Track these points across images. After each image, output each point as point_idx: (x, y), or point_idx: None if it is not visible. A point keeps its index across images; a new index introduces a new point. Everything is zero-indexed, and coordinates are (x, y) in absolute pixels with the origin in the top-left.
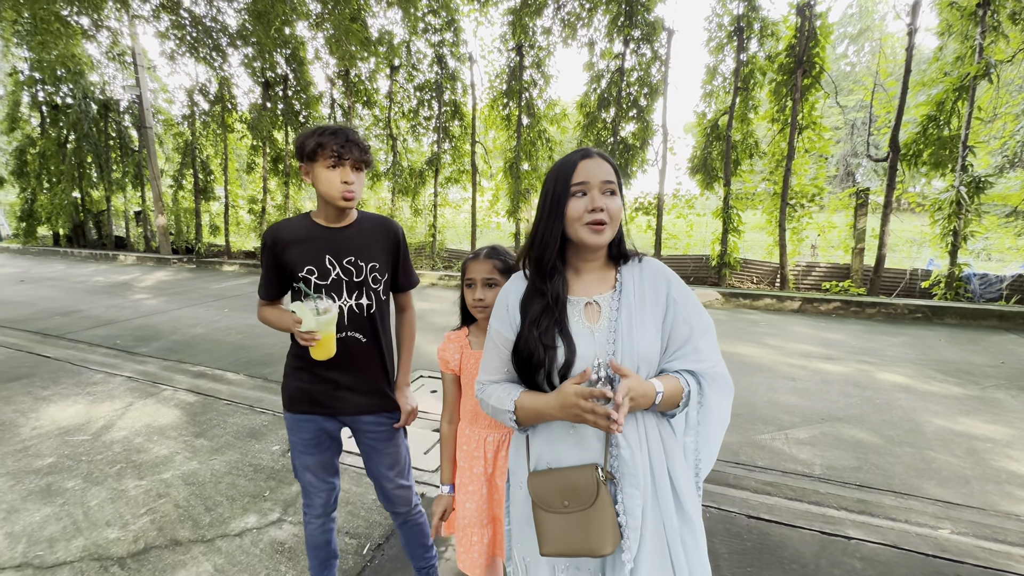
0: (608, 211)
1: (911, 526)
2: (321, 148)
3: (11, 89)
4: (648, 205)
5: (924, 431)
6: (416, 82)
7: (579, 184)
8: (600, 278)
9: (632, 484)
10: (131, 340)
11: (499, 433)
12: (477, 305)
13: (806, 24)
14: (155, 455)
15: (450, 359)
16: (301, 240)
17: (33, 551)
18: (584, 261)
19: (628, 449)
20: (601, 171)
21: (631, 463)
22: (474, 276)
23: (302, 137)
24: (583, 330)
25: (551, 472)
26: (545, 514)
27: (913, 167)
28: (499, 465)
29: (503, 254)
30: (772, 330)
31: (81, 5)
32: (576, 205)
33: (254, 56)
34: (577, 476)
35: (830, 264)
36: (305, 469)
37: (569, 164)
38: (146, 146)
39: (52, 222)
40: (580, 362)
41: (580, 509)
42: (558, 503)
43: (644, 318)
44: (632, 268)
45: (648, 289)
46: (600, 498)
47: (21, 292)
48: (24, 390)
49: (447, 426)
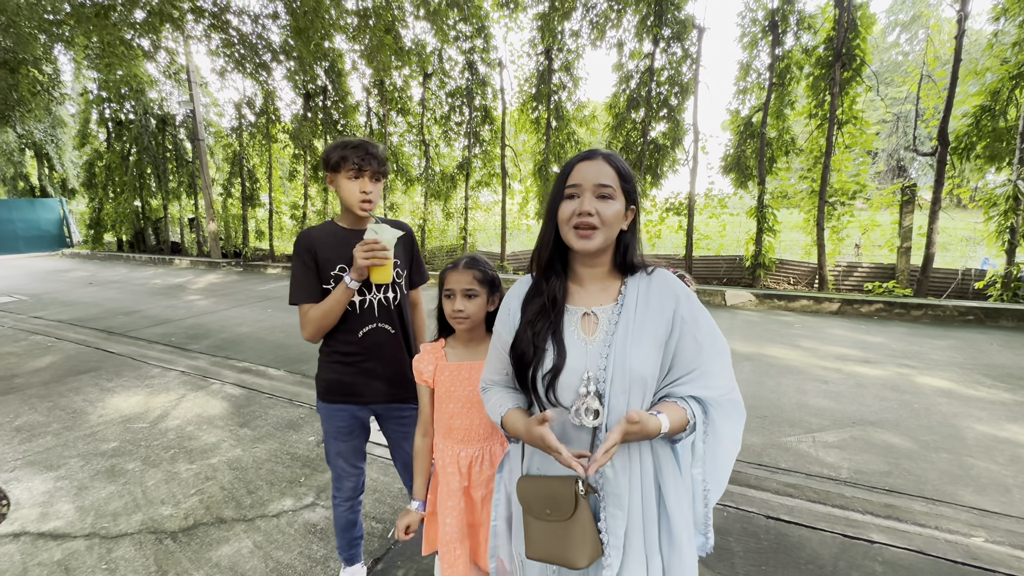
0: (600, 215)
1: (941, 532)
2: (344, 160)
3: (82, 108)
4: (679, 205)
5: (964, 437)
6: (448, 88)
7: (572, 186)
8: (603, 288)
9: (615, 504)
10: (184, 338)
11: (472, 448)
12: (456, 316)
13: (845, 15)
14: (204, 442)
15: (424, 371)
16: (331, 242)
17: (100, 523)
18: (584, 267)
19: (612, 468)
20: (597, 174)
21: (614, 483)
22: (453, 287)
23: (328, 150)
24: (577, 341)
25: (537, 479)
26: (530, 518)
27: (965, 160)
28: (473, 478)
29: (483, 264)
30: (807, 332)
31: (143, 29)
32: (565, 208)
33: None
34: (559, 487)
35: (873, 264)
36: (338, 456)
37: (568, 166)
38: (199, 157)
39: (116, 229)
40: (568, 374)
41: (560, 520)
42: (541, 510)
43: (643, 335)
44: (639, 280)
45: (653, 304)
46: (579, 512)
47: (90, 293)
48: (92, 382)
49: (420, 440)
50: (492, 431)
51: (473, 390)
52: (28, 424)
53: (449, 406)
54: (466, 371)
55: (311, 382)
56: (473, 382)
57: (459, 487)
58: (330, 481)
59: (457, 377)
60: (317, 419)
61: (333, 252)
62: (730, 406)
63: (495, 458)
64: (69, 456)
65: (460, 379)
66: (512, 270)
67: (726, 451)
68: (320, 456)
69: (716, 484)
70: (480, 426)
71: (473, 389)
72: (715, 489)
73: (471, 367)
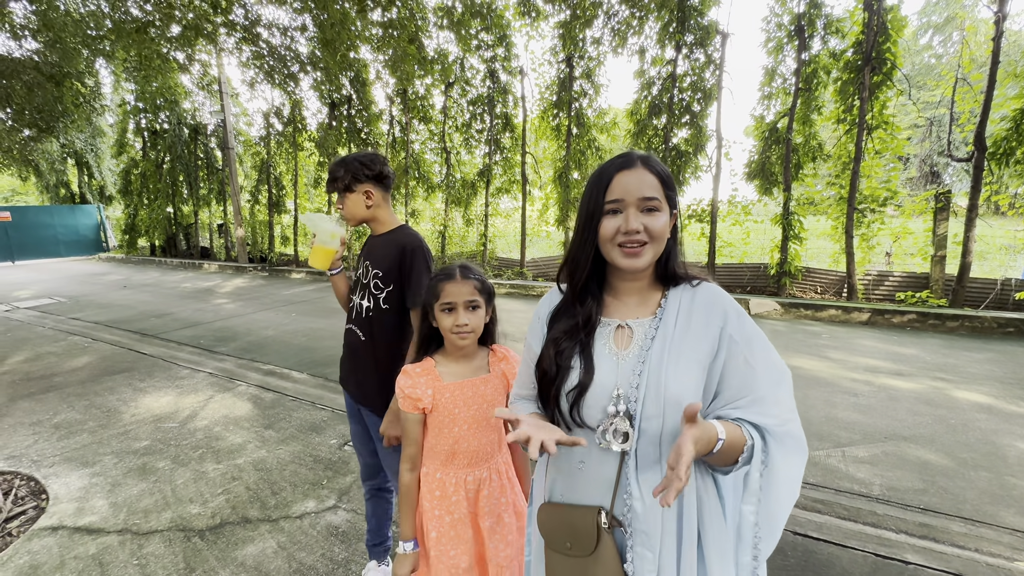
0: (649, 230)
1: (981, 555)
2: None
3: (120, 118)
4: (702, 212)
5: (1005, 455)
6: (469, 97)
7: (614, 201)
8: (641, 301)
9: (644, 544)
10: (212, 340)
11: (480, 470)
12: (461, 331)
13: (875, 19)
14: (231, 443)
15: (421, 396)
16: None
17: (131, 520)
18: (624, 281)
19: (641, 502)
20: (640, 185)
21: (644, 519)
22: (455, 299)
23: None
24: (608, 355)
25: (558, 507)
26: (551, 552)
27: (1004, 166)
28: (481, 503)
29: (478, 272)
30: (835, 342)
31: (178, 43)
32: (609, 225)
33: (322, 80)
34: (579, 517)
35: (906, 273)
36: (353, 435)
37: (605, 177)
38: (228, 165)
39: (150, 234)
40: (597, 389)
41: (581, 555)
42: (561, 543)
43: (682, 353)
44: (682, 292)
45: (696, 320)
46: (601, 547)
47: (124, 296)
48: (125, 382)
49: (408, 474)
50: (497, 448)
51: (480, 408)
52: (66, 421)
53: (455, 430)
54: (470, 389)
55: (334, 386)
56: (479, 399)
57: (467, 514)
58: (352, 483)
59: (461, 396)
60: (339, 422)
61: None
62: (789, 439)
63: (502, 476)
64: (104, 453)
65: (465, 398)
66: (532, 276)
67: (784, 491)
68: (343, 459)
69: (769, 532)
70: (488, 444)
71: (480, 407)
72: (767, 538)
73: (474, 384)
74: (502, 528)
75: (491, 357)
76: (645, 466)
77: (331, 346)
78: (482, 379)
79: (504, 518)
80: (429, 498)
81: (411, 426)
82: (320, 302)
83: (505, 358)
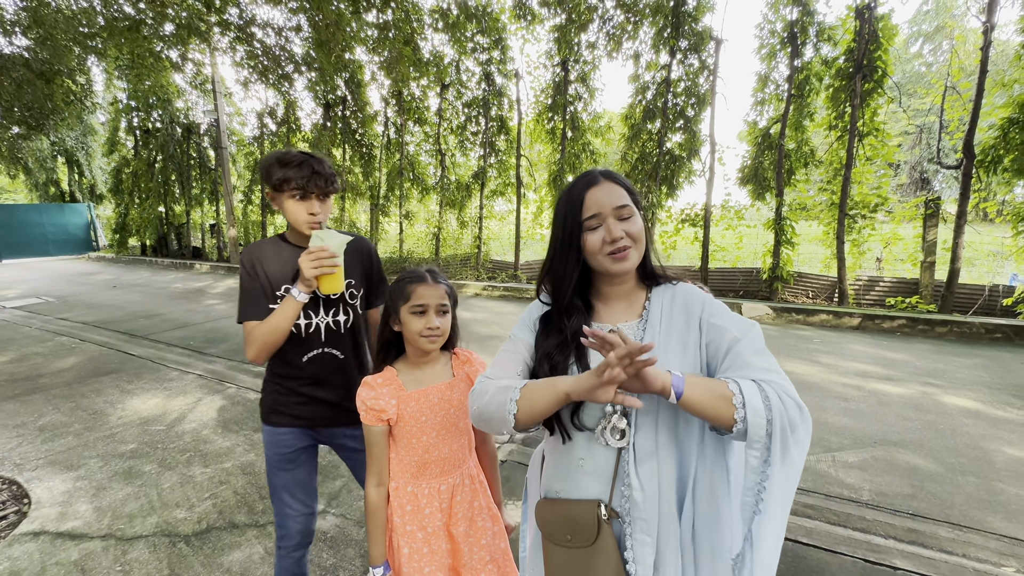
0: (630, 235)
1: (969, 560)
2: (286, 182)
3: (112, 116)
4: (695, 216)
5: (993, 460)
6: (464, 99)
7: (591, 217)
8: (629, 304)
9: (643, 530)
10: (202, 341)
11: (453, 476)
12: (432, 334)
13: (866, 27)
14: (219, 446)
15: (386, 407)
16: (277, 259)
17: (116, 524)
18: (612, 286)
19: (641, 491)
20: (611, 197)
21: (642, 507)
22: (427, 302)
23: (266, 165)
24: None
25: (556, 502)
26: (551, 545)
27: (992, 173)
28: (455, 510)
29: (445, 278)
30: (826, 347)
31: (171, 42)
32: (593, 239)
33: (317, 80)
34: (579, 510)
35: (896, 279)
36: (282, 489)
37: (576, 197)
38: (221, 165)
39: (141, 234)
40: None
41: (581, 546)
42: (561, 536)
43: (669, 350)
44: (664, 292)
45: (678, 318)
46: (601, 538)
47: (113, 297)
48: (113, 384)
49: (374, 491)
50: (468, 453)
51: (448, 413)
52: (51, 424)
53: (423, 438)
54: (435, 395)
55: None
56: (446, 404)
57: (441, 525)
58: (341, 487)
59: (427, 404)
60: None
61: (279, 269)
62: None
63: (474, 481)
64: (89, 456)
65: (431, 405)
66: (526, 279)
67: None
68: (332, 463)
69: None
70: (459, 449)
71: (447, 412)
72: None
73: (439, 390)
74: (475, 532)
75: (454, 361)
76: (643, 458)
77: None
78: (447, 384)
79: (477, 522)
80: (400, 513)
81: (376, 439)
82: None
83: (468, 361)
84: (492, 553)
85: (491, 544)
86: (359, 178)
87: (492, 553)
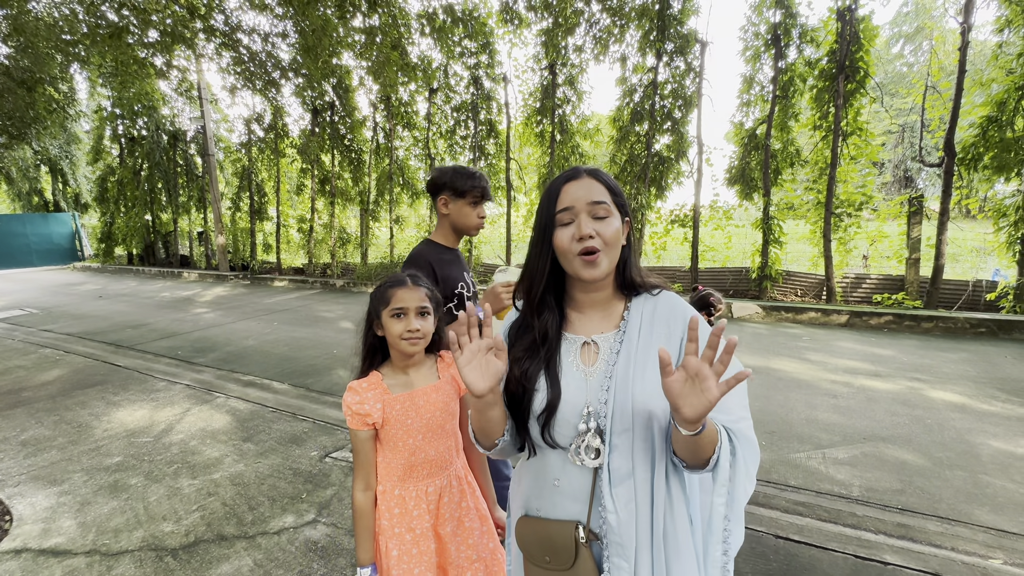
0: (601, 236)
1: (957, 554)
2: (472, 188)
3: (96, 124)
4: (684, 217)
5: (979, 454)
6: (453, 103)
7: (564, 210)
8: (605, 314)
9: (620, 555)
10: (191, 351)
11: (440, 478)
12: (412, 337)
13: (848, 28)
14: (207, 457)
15: (372, 412)
16: (447, 260)
17: (101, 540)
18: (584, 293)
19: (615, 515)
20: (588, 192)
21: (617, 531)
22: (407, 304)
23: (450, 175)
24: (575, 373)
25: (535, 521)
26: (530, 565)
27: (973, 171)
28: (442, 510)
29: (427, 282)
30: (815, 345)
31: (156, 48)
32: (563, 235)
33: (304, 86)
34: (557, 531)
35: (882, 276)
36: None
37: (554, 190)
38: (208, 172)
39: (127, 243)
40: (566, 408)
41: (560, 569)
42: (540, 557)
43: (648, 364)
44: (644, 303)
45: (659, 330)
46: (579, 562)
47: (99, 307)
48: (98, 395)
49: (362, 495)
50: (455, 454)
51: (433, 415)
52: (34, 438)
53: (409, 441)
54: (421, 397)
55: (316, 396)
56: (431, 406)
57: (429, 527)
58: (332, 496)
59: (412, 407)
60: (321, 434)
61: (451, 271)
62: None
63: (462, 481)
64: (73, 471)
65: (416, 408)
66: None
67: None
68: (323, 471)
69: (738, 525)
70: (446, 451)
71: (433, 414)
72: (737, 532)
73: (424, 392)
74: (463, 532)
75: (439, 363)
76: (618, 480)
77: (313, 356)
78: (432, 387)
79: (465, 522)
80: (388, 516)
81: (362, 444)
82: (302, 310)
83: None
84: (479, 552)
85: (478, 543)
86: (348, 183)
87: (479, 552)
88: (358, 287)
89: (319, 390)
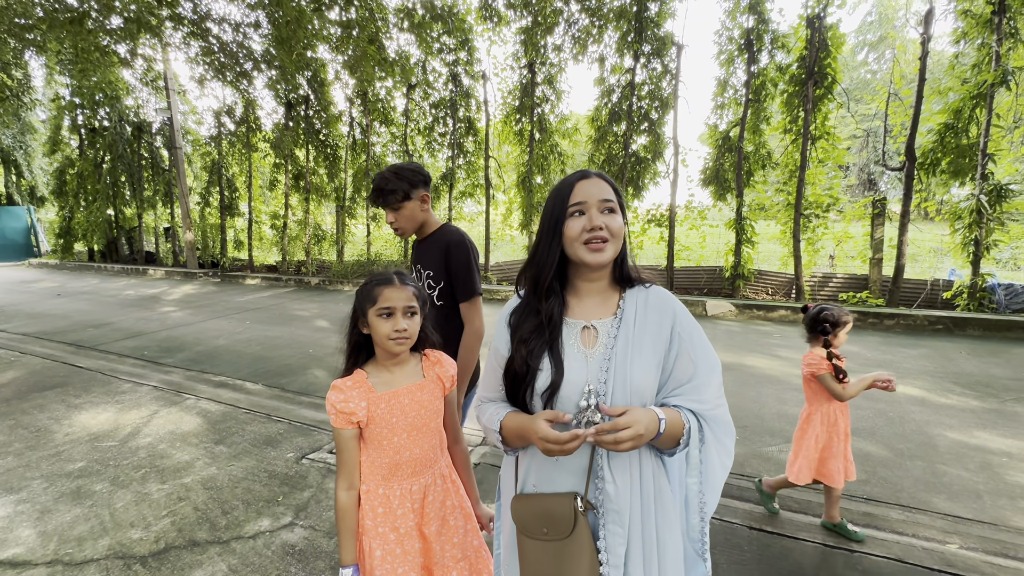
0: (609, 228)
1: (918, 540)
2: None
3: (53, 114)
4: (660, 217)
5: (936, 445)
6: (431, 100)
7: (576, 204)
8: (602, 302)
9: (615, 522)
10: (158, 351)
11: (425, 477)
12: (399, 337)
13: (816, 35)
14: (177, 460)
15: (356, 410)
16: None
17: (63, 549)
18: (586, 281)
19: (613, 484)
20: (599, 190)
21: (615, 499)
22: (394, 304)
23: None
24: (577, 354)
25: (532, 497)
26: (526, 540)
27: (931, 176)
28: (427, 509)
29: (413, 281)
30: (785, 342)
31: (119, 36)
32: (574, 225)
33: (277, 79)
34: (556, 504)
35: (847, 275)
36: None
37: (567, 185)
38: (176, 166)
39: (87, 238)
40: (568, 387)
41: (558, 539)
42: (537, 530)
43: (642, 348)
44: (637, 294)
45: (651, 319)
46: (577, 530)
47: (57, 306)
48: (58, 398)
49: (345, 494)
50: (440, 453)
51: (418, 414)
52: None
53: (394, 440)
54: (406, 396)
55: (290, 396)
56: (416, 405)
57: (414, 526)
58: (309, 499)
59: (397, 405)
60: (296, 434)
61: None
62: (718, 421)
63: (446, 480)
64: (31, 478)
65: (401, 406)
66: (496, 280)
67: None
68: (300, 473)
69: (712, 495)
70: (430, 449)
71: (418, 413)
72: (711, 501)
73: (410, 391)
74: (447, 530)
75: (424, 362)
76: (616, 452)
77: (287, 355)
78: (417, 385)
79: (449, 521)
80: (371, 516)
81: (346, 443)
82: (275, 309)
83: (439, 362)
84: (464, 551)
85: (463, 542)
86: (324, 179)
87: (464, 551)
88: (334, 285)
89: (294, 390)
